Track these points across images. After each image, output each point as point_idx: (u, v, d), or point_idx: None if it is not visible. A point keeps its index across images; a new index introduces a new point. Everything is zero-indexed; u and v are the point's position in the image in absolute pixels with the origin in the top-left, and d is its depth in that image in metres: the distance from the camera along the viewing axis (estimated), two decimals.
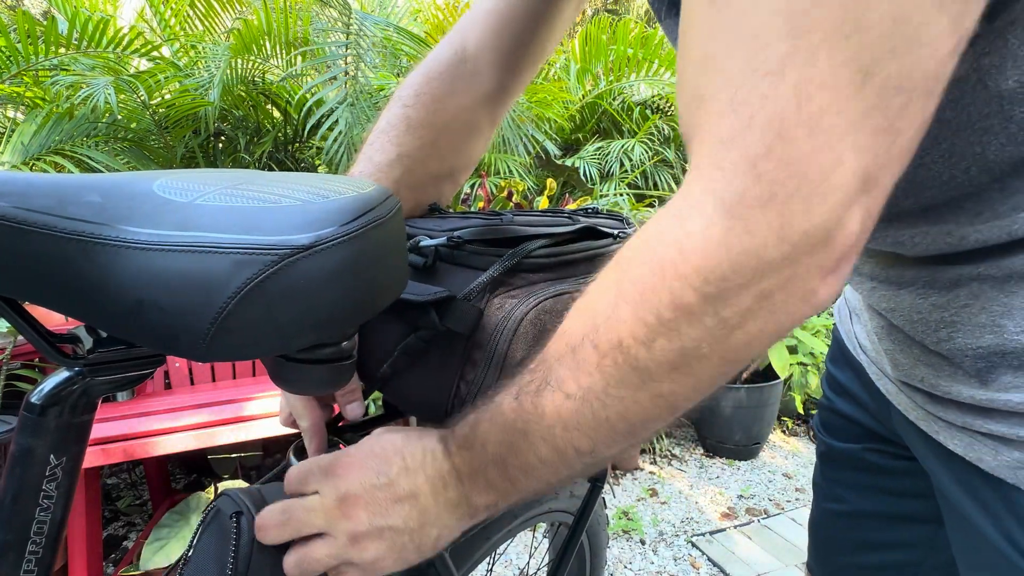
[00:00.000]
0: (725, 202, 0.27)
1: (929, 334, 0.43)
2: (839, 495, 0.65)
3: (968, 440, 0.42)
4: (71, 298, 0.30)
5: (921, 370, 0.45)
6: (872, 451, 0.61)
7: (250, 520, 0.41)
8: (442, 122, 0.58)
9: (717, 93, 0.28)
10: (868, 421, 0.61)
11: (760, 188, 0.27)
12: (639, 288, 0.30)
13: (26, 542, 0.36)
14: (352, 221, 0.30)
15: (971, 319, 0.40)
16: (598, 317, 0.32)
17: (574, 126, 3.25)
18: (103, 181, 0.31)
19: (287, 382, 0.35)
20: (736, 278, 0.28)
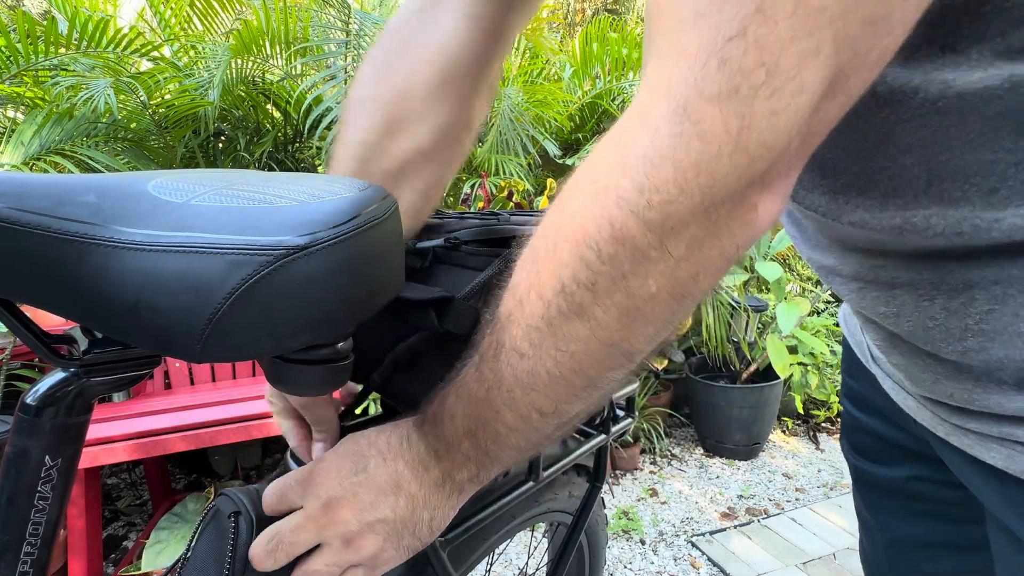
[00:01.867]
0: (678, 97, 0.24)
1: (951, 343, 0.38)
2: (883, 523, 0.58)
3: (1008, 451, 0.38)
4: (66, 299, 0.30)
5: (946, 385, 0.40)
6: (916, 480, 0.53)
7: (248, 520, 0.41)
8: (397, 90, 0.46)
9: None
10: (902, 438, 0.53)
11: (722, 78, 0.23)
12: (578, 222, 0.27)
13: (22, 543, 0.36)
14: (347, 222, 0.30)
15: (1006, 327, 0.34)
16: (539, 262, 0.30)
17: (574, 126, 3.25)
18: (98, 182, 0.31)
19: (284, 383, 0.35)
20: (684, 200, 0.25)
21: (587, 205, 0.27)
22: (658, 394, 2.49)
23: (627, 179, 0.26)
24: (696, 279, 0.28)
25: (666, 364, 2.44)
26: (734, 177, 0.25)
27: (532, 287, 0.30)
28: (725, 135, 0.24)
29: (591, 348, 0.29)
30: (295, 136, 2.45)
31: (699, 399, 2.42)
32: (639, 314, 0.28)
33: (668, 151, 0.25)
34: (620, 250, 0.27)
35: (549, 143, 2.60)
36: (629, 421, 0.70)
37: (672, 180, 0.25)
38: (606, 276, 0.27)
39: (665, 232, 0.26)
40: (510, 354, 0.31)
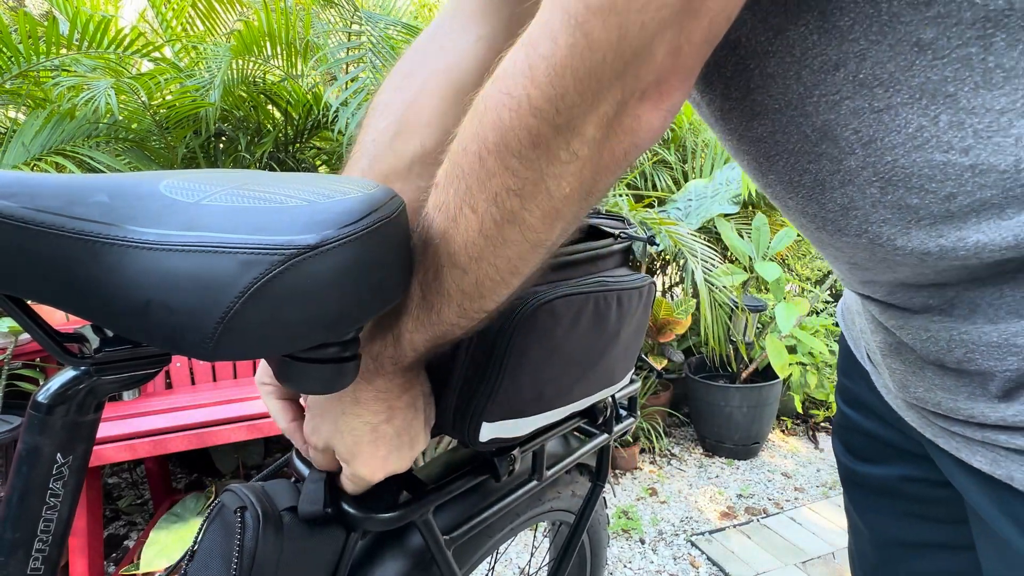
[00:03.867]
0: (571, 11, 0.27)
1: (944, 354, 0.39)
2: (872, 523, 0.59)
3: (992, 456, 0.38)
4: (78, 298, 0.30)
5: (937, 395, 0.41)
6: (908, 480, 0.54)
7: (254, 515, 0.41)
8: (412, 95, 0.50)
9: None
10: (893, 436, 0.54)
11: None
12: (499, 132, 0.30)
13: (33, 540, 0.36)
14: (358, 221, 0.30)
15: (991, 340, 0.35)
16: (467, 177, 0.32)
17: None
18: (110, 181, 0.32)
19: (293, 382, 0.36)
20: (583, 104, 0.28)
21: (504, 116, 0.30)
22: (658, 394, 2.50)
23: (537, 89, 0.29)
24: (597, 178, 0.32)
25: (666, 364, 2.44)
26: (618, 84, 0.28)
27: (464, 202, 0.33)
28: (607, 44, 0.27)
29: (523, 251, 0.33)
30: (296, 136, 2.45)
31: (698, 399, 2.43)
32: (558, 213, 0.32)
33: (566, 60, 0.28)
34: (539, 155, 0.30)
35: None
36: (631, 421, 0.70)
37: (572, 86, 0.28)
38: (530, 181, 0.31)
39: (571, 135, 0.29)
40: (452, 271, 0.35)
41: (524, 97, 0.29)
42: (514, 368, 0.45)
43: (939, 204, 0.33)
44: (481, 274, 0.34)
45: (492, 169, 0.31)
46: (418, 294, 0.37)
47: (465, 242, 0.33)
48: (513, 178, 0.31)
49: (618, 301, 0.53)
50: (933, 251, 0.35)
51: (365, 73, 1.93)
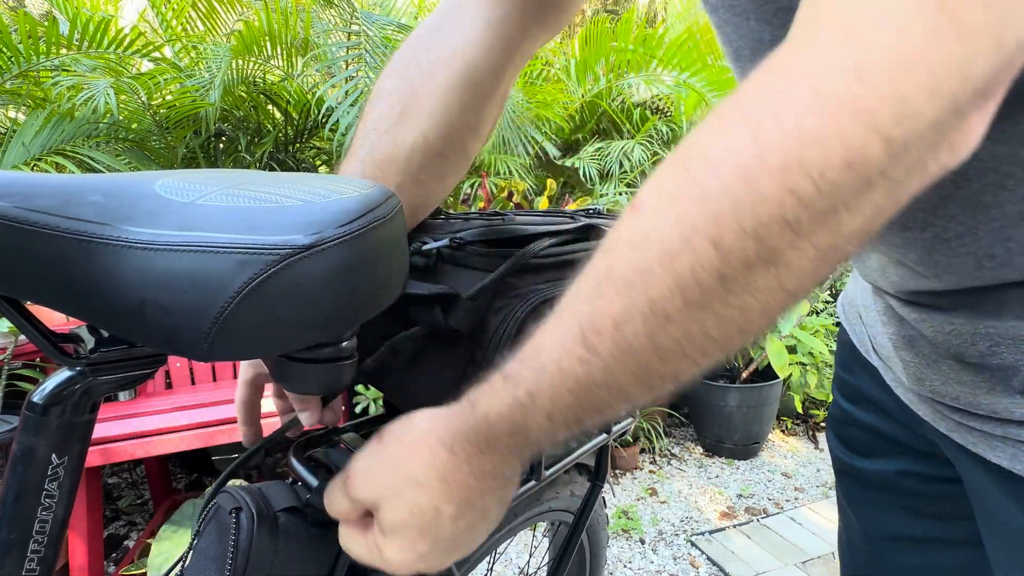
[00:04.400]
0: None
1: (967, 346, 0.38)
2: (866, 518, 0.58)
3: (1013, 451, 0.37)
4: (73, 298, 0.30)
5: (955, 388, 0.40)
6: (906, 475, 0.53)
7: (249, 515, 0.41)
8: (414, 83, 0.47)
9: None
10: (896, 431, 0.53)
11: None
12: (791, 144, 0.22)
13: (28, 541, 0.36)
14: (353, 221, 0.30)
15: (1019, 334, 0.35)
16: (708, 202, 0.24)
17: (574, 126, 3.25)
18: (105, 181, 0.32)
19: (289, 381, 0.36)
20: (929, 112, 0.21)
21: (807, 120, 0.22)
22: None
23: (866, 86, 0.21)
24: (894, 207, 0.24)
25: None
26: (981, 82, 0.22)
27: (698, 232, 0.24)
28: (986, 32, 0.21)
29: (767, 303, 0.25)
30: (296, 136, 2.45)
31: (698, 399, 2.42)
32: (834, 255, 0.24)
33: (922, 52, 0.21)
34: (850, 178, 0.22)
35: (548, 144, 2.60)
36: (630, 420, 0.70)
37: (925, 87, 0.21)
38: (816, 211, 0.23)
39: (898, 153, 0.22)
40: (648, 320, 0.26)
41: (844, 96, 0.22)
42: None
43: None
44: (694, 327, 0.26)
45: (767, 193, 0.23)
46: (574, 341, 0.28)
47: (684, 283, 0.25)
48: (797, 207, 0.23)
49: None
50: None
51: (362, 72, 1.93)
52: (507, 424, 0.31)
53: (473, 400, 0.32)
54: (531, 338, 0.30)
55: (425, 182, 0.48)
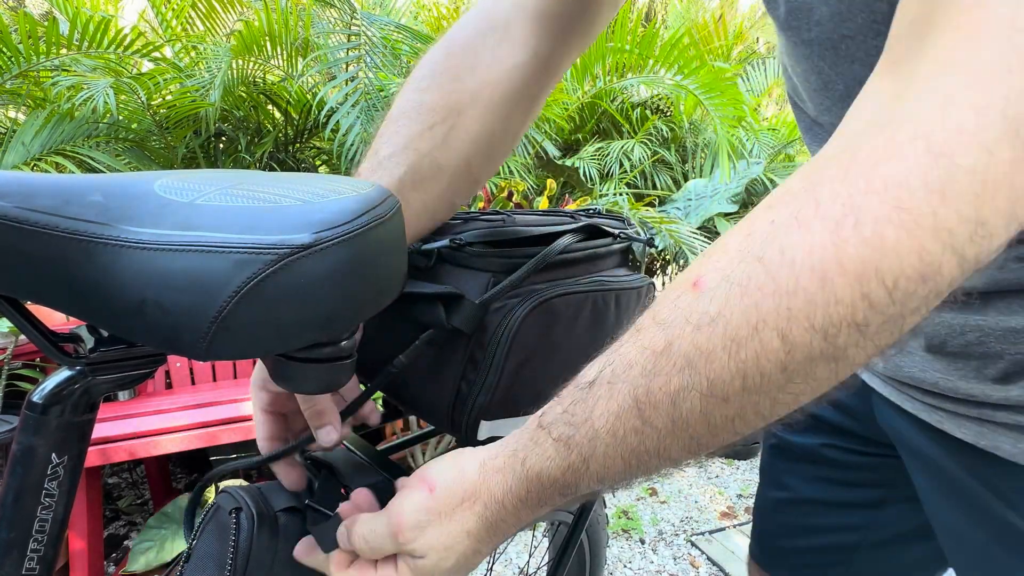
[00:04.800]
0: (1016, 121, 0.21)
1: (954, 337, 0.41)
2: (787, 484, 0.67)
3: (979, 429, 0.42)
4: (73, 297, 0.30)
5: (933, 375, 0.44)
6: (830, 447, 0.62)
7: (249, 515, 0.41)
8: (460, 105, 0.48)
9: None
10: (835, 417, 0.61)
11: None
12: (869, 252, 0.23)
13: (28, 540, 0.36)
14: (351, 221, 0.30)
15: (1008, 326, 0.38)
16: (791, 298, 0.24)
17: (574, 126, 3.25)
18: (105, 181, 0.32)
19: (287, 381, 0.36)
20: (1003, 235, 0.22)
21: (888, 232, 0.22)
22: None
23: (949, 207, 0.22)
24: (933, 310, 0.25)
25: None
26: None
27: (766, 325, 0.25)
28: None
29: (819, 389, 0.26)
30: (296, 136, 2.45)
31: None
32: (888, 351, 0.25)
33: (1005, 177, 0.22)
34: (921, 290, 0.23)
35: (549, 144, 2.60)
36: None
37: (1004, 213, 0.22)
38: (886, 317, 0.24)
39: (969, 268, 0.23)
40: (706, 400, 0.27)
41: (927, 214, 0.22)
42: (512, 366, 0.45)
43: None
44: (748, 408, 0.27)
45: (841, 296, 0.23)
46: (630, 413, 0.29)
47: (748, 370, 0.25)
48: (869, 311, 0.23)
49: (616, 301, 0.53)
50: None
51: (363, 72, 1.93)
52: (559, 486, 0.32)
53: (522, 458, 0.33)
54: (576, 400, 0.31)
55: (455, 202, 0.51)
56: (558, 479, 0.32)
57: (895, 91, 0.25)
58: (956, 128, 0.22)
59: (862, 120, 0.26)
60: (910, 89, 0.24)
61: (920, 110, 0.23)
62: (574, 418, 0.31)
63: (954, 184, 0.22)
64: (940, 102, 0.23)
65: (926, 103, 0.23)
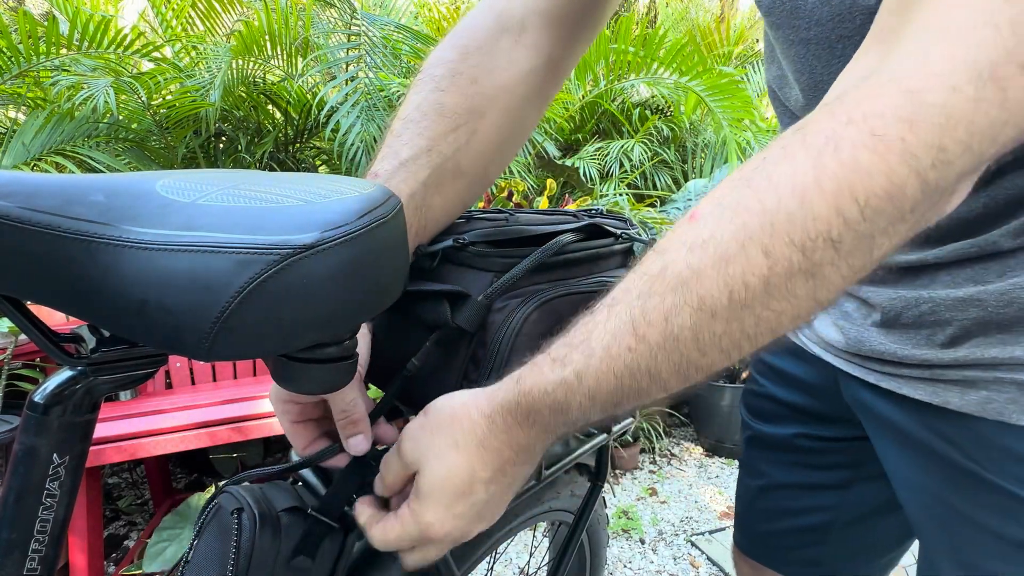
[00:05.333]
0: (984, 60, 0.24)
1: (909, 308, 0.48)
2: (763, 471, 0.72)
3: (932, 388, 0.48)
4: (74, 298, 0.30)
5: (891, 346, 0.50)
6: (801, 436, 0.67)
7: (251, 516, 0.41)
8: (481, 108, 0.48)
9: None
10: (804, 401, 0.66)
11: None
12: (845, 172, 0.26)
13: (30, 540, 0.36)
14: (354, 221, 0.30)
15: (956, 296, 0.44)
16: (775, 215, 0.27)
17: (574, 126, 3.25)
18: (107, 182, 0.32)
19: (289, 381, 0.36)
20: (960, 163, 0.25)
21: (861, 156, 0.25)
22: None
23: (916, 135, 0.25)
24: (907, 240, 0.28)
25: None
26: (1002, 147, 0.26)
27: (753, 241, 0.27)
28: (1022, 106, 0.25)
29: (800, 309, 0.28)
30: (296, 136, 2.45)
31: (699, 399, 2.42)
32: (860, 274, 0.28)
33: (966, 113, 0.25)
34: (888, 208, 0.26)
35: (549, 144, 2.60)
36: (630, 420, 0.70)
37: (962, 143, 0.25)
38: (858, 234, 0.26)
39: (929, 193, 0.26)
40: (696, 315, 0.29)
41: (897, 138, 0.25)
42: (513, 366, 0.45)
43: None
44: (734, 325, 0.29)
45: (819, 212, 0.26)
46: (625, 330, 0.31)
47: (734, 285, 0.28)
48: (843, 228, 0.26)
49: None
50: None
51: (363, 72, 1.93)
52: (550, 400, 0.33)
53: (518, 377, 0.35)
54: (577, 327, 0.34)
55: (467, 203, 0.51)
56: (549, 393, 0.33)
57: (880, 53, 0.28)
58: (928, 72, 0.25)
59: (852, 78, 0.29)
60: (893, 51, 0.27)
61: (900, 62, 0.27)
62: (573, 339, 0.33)
63: (922, 116, 0.25)
64: (918, 55, 0.26)
65: (906, 57, 0.26)
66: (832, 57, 0.43)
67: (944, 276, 0.46)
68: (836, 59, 0.43)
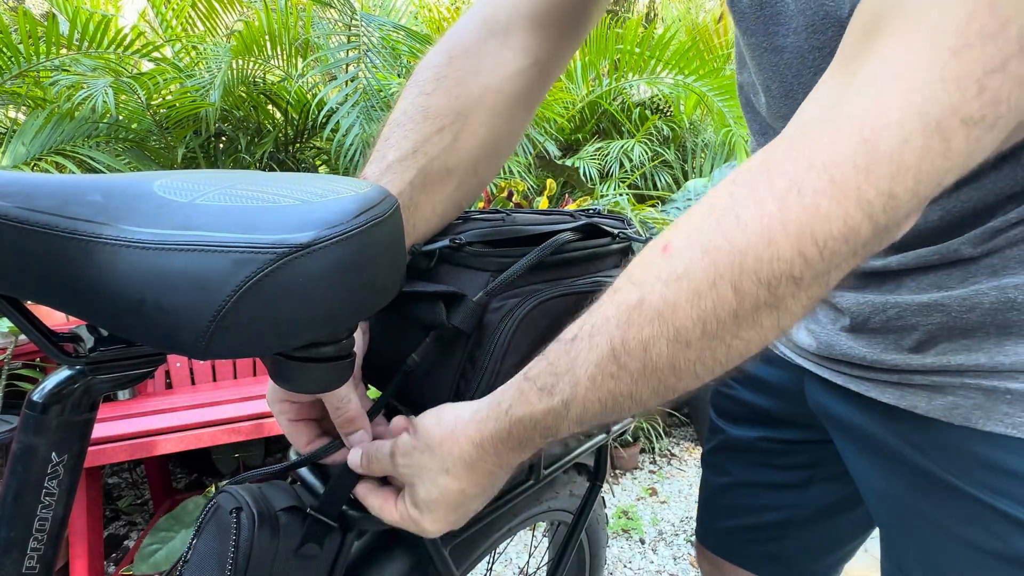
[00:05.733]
0: (933, 114, 0.26)
1: (876, 314, 0.49)
2: (727, 470, 0.75)
3: (899, 393, 0.49)
4: (73, 297, 0.30)
5: (860, 351, 0.51)
6: (765, 440, 0.70)
7: (250, 515, 0.41)
8: (466, 109, 0.49)
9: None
10: (769, 405, 0.69)
11: (978, 106, 0.26)
12: (806, 218, 0.28)
13: (28, 539, 0.36)
14: (350, 220, 0.30)
15: (920, 301, 0.46)
16: (743, 255, 0.29)
17: (574, 126, 3.26)
18: (104, 181, 0.32)
19: (286, 380, 0.36)
20: (906, 207, 0.28)
21: (821, 202, 0.28)
22: None
23: (870, 183, 0.27)
24: (859, 266, 0.31)
25: None
26: (943, 188, 0.28)
27: (724, 279, 0.29)
28: (964, 156, 0.27)
29: (766, 337, 0.31)
30: (296, 136, 2.45)
31: (699, 398, 2.42)
32: (819, 302, 0.31)
33: (915, 162, 0.27)
34: (843, 248, 0.28)
35: (549, 144, 2.60)
36: (629, 420, 0.70)
37: (910, 190, 0.27)
38: (816, 271, 0.29)
39: (880, 233, 0.28)
40: (673, 345, 0.31)
41: (853, 187, 0.27)
42: (511, 366, 0.45)
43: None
44: (706, 354, 0.31)
45: (783, 253, 0.28)
46: (608, 360, 0.33)
47: (706, 318, 0.30)
48: (804, 267, 0.28)
49: None
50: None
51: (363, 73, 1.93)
52: (540, 428, 0.36)
53: (506, 406, 0.37)
54: (559, 354, 0.35)
55: (462, 204, 0.52)
56: (539, 421, 0.36)
57: (842, 83, 0.30)
58: (883, 121, 0.27)
59: (814, 108, 0.31)
60: (852, 84, 0.29)
61: (857, 102, 0.28)
62: (557, 368, 0.35)
63: (875, 165, 0.27)
64: (874, 97, 0.28)
65: (863, 96, 0.28)
66: (803, 67, 0.44)
67: (909, 282, 0.47)
68: (807, 70, 0.44)
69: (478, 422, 0.38)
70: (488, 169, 0.53)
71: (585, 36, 0.56)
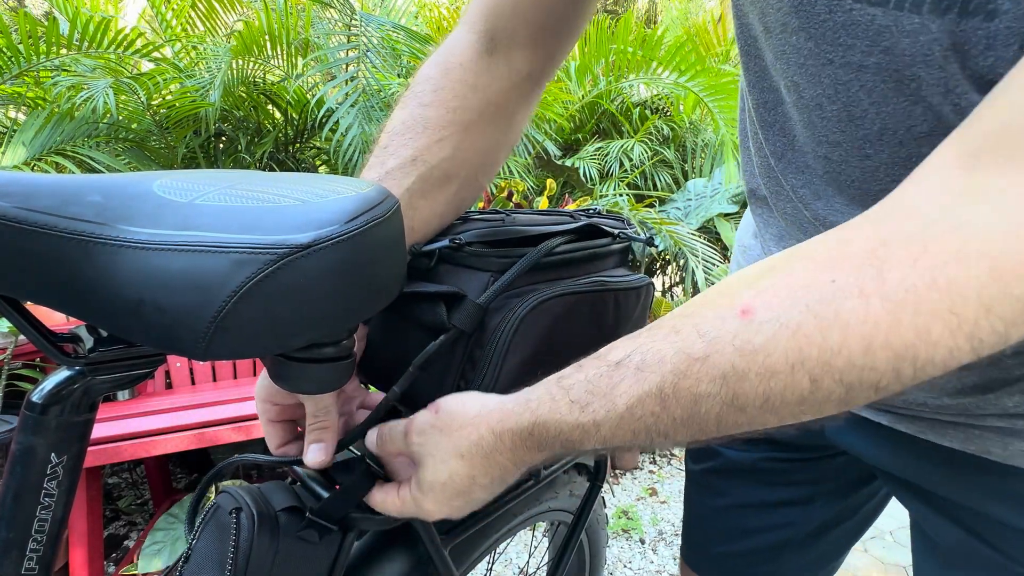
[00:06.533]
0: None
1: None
2: (723, 491, 0.71)
3: (967, 434, 0.46)
4: (72, 297, 0.30)
5: (919, 396, 0.47)
6: (767, 460, 0.67)
7: (249, 515, 0.41)
8: (465, 121, 0.50)
9: None
10: (774, 430, 0.66)
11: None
12: (908, 340, 0.26)
13: (27, 540, 0.36)
14: (350, 221, 0.30)
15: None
16: (832, 355, 0.28)
17: (574, 126, 3.25)
18: (104, 181, 0.32)
19: (286, 380, 0.36)
20: (1016, 341, 0.27)
21: (934, 327, 0.26)
22: None
23: (989, 321, 0.26)
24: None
25: None
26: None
27: (802, 368, 0.28)
28: (995, 338, 0.26)
29: (821, 416, 0.30)
30: (296, 136, 2.45)
31: None
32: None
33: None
34: (937, 372, 0.27)
35: (549, 144, 2.60)
36: None
37: (1023, 332, 0.26)
38: (902, 385, 0.28)
39: (977, 358, 0.27)
40: (727, 408, 0.30)
41: (970, 325, 0.26)
42: (511, 366, 0.45)
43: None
44: (758, 420, 0.31)
45: (876, 365, 0.27)
46: (652, 399, 0.32)
47: (771, 395, 0.29)
48: (893, 381, 0.28)
49: (615, 301, 0.53)
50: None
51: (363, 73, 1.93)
52: (564, 438, 0.35)
53: (534, 406, 0.36)
54: (600, 372, 0.34)
55: (462, 207, 0.53)
56: (565, 432, 0.35)
57: (972, 189, 0.27)
58: (1020, 259, 0.25)
59: (934, 206, 0.28)
60: (988, 198, 0.26)
61: (995, 227, 0.26)
62: (595, 388, 0.34)
63: (1000, 307, 0.25)
64: (1015, 229, 0.25)
65: (1002, 223, 0.26)
66: (895, 93, 0.36)
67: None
68: (901, 96, 0.36)
69: (503, 413, 0.38)
70: (487, 174, 0.54)
71: (573, 43, 0.57)
